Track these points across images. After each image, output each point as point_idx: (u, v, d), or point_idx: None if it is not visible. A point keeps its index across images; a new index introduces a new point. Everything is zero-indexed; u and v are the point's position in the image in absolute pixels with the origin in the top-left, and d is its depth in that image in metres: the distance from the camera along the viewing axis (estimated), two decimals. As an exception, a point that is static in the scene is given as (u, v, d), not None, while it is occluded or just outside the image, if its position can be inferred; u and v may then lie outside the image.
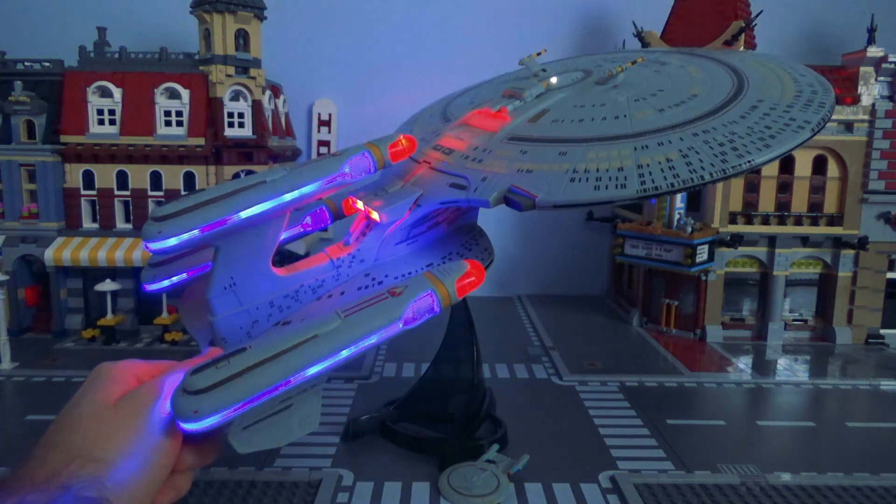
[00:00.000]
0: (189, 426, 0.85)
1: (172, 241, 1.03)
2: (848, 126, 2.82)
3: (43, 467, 0.74)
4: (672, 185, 1.18)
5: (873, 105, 2.81)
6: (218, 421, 0.89)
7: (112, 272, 2.74)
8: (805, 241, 2.91)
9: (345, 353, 1.04)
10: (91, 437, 0.79)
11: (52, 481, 0.72)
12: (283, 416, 1.02)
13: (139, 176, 2.80)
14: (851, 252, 2.90)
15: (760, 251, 2.94)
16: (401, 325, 1.09)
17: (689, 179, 1.18)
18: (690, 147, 1.24)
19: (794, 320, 3.02)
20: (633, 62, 1.59)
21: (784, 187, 2.92)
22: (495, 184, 1.29)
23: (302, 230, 1.58)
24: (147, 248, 1.04)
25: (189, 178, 2.81)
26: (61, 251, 2.71)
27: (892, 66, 2.81)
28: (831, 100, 1.37)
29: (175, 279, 1.34)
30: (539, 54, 1.78)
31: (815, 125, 1.27)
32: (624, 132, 1.33)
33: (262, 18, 2.87)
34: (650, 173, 1.20)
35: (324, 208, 1.58)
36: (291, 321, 1.23)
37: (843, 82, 2.88)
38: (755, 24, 2.84)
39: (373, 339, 1.08)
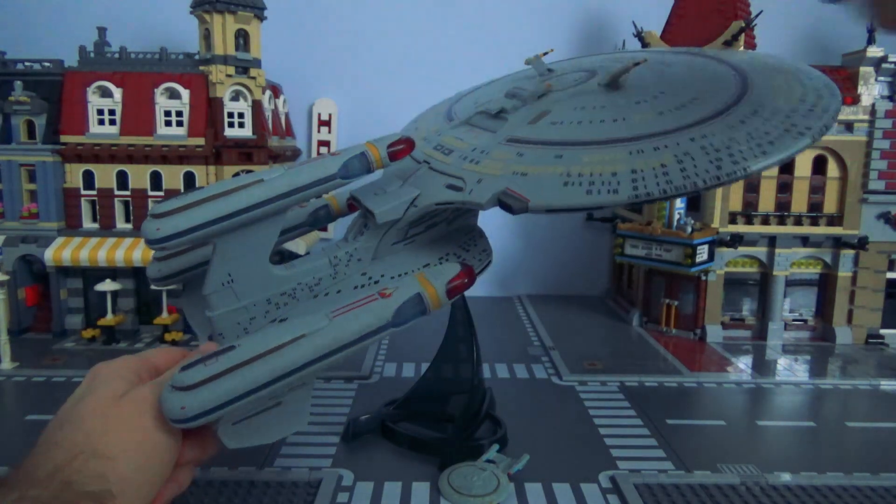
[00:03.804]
0: (177, 422, 0.86)
1: (171, 238, 1.04)
2: (848, 126, 2.82)
3: (45, 464, 0.74)
4: (664, 191, 1.16)
5: (873, 105, 2.82)
6: (205, 418, 0.89)
7: (112, 272, 2.74)
8: (805, 241, 2.92)
9: (333, 354, 1.05)
10: (95, 434, 0.79)
11: (55, 477, 0.72)
12: (273, 413, 1.03)
13: (139, 176, 2.80)
14: (851, 252, 2.90)
15: (760, 251, 2.94)
16: (390, 327, 1.10)
17: (682, 186, 1.16)
18: (686, 152, 1.21)
19: (794, 320, 3.02)
20: (636, 63, 1.56)
21: (784, 187, 2.92)
22: (490, 186, 1.28)
23: (301, 228, 1.58)
24: (146, 244, 1.06)
25: (189, 178, 2.81)
26: (61, 251, 2.71)
27: (892, 66, 2.82)
28: (836, 105, 1.32)
29: (178, 274, 1.35)
30: (545, 54, 1.77)
31: (817, 132, 1.23)
32: (621, 136, 1.31)
33: (262, 18, 2.87)
34: (643, 179, 1.18)
35: (324, 207, 1.58)
36: (288, 319, 1.23)
37: (843, 82, 2.88)
38: (755, 24, 2.84)
39: (362, 340, 1.08)
